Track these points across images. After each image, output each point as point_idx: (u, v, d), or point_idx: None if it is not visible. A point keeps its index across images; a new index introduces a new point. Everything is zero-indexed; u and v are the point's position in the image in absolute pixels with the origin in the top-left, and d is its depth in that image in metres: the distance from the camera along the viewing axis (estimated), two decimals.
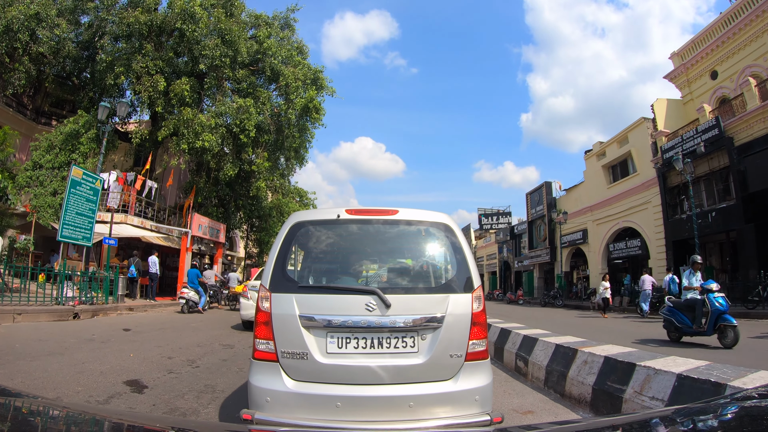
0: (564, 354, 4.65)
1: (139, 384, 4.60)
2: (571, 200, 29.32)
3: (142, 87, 17.77)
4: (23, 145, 19.76)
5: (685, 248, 18.89)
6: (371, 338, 2.52)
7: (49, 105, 23.40)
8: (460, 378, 2.53)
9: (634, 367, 3.53)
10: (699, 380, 2.91)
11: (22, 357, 5.66)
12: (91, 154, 17.72)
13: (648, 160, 21.72)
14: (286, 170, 25.10)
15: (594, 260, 26.32)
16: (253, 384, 2.53)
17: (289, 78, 20.01)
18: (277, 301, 2.59)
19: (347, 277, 2.86)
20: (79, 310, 10.63)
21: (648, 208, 21.81)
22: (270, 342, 2.54)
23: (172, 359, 6.10)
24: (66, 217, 11.78)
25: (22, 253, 15.99)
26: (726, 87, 19.80)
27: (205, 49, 18.24)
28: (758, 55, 18.23)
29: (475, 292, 2.66)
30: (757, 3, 17.93)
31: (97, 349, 6.64)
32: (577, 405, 4.05)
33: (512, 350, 5.94)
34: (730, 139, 17.04)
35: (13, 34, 17.07)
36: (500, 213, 45.20)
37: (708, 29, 20.60)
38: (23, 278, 11.30)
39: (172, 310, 14.84)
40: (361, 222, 2.85)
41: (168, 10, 18.61)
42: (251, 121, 18.60)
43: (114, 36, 19.00)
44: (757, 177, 15.90)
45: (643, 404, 3.22)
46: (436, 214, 2.92)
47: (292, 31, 22.80)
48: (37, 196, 16.75)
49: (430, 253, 3.03)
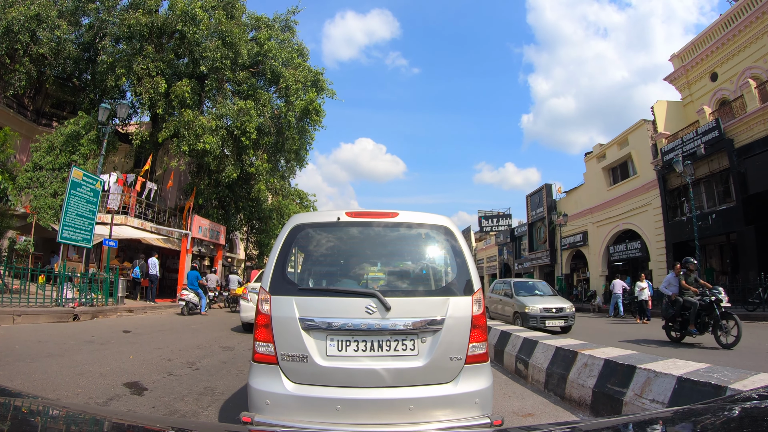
0: (564, 357, 4.64)
1: (138, 386, 4.60)
2: (571, 202, 29.32)
3: (142, 88, 17.80)
4: (24, 147, 19.78)
5: (685, 250, 18.86)
6: (371, 341, 2.52)
7: (49, 106, 23.43)
8: (460, 381, 2.53)
9: (634, 369, 3.52)
10: (699, 383, 2.90)
11: (21, 358, 5.66)
12: (92, 155, 17.74)
13: (648, 162, 21.74)
14: (286, 172, 25.15)
15: (594, 262, 26.31)
16: (252, 386, 2.53)
17: (290, 80, 20.06)
18: (277, 304, 2.59)
19: (347, 280, 2.86)
20: (78, 311, 10.61)
21: (648, 210, 21.81)
22: (270, 344, 2.53)
23: (172, 361, 6.10)
24: (66, 219, 11.78)
25: (22, 255, 16.00)
26: (726, 89, 19.83)
27: (205, 51, 18.29)
28: (758, 57, 18.26)
29: (475, 294, 2.66)
30: (757, 5, 17.97)
31: (96, 350, 6.64)
32: (577, 408, 4.04)
33: (512, 353, 5.94)
34: (730, 140, 17.05)
35: (13, 35, 17.12)
36: (500, 215, 45.20)
37: (708, 31, 20.64)
38: (23, 279, 11.30)
39: (171, 312, 14.83)
40: (362, 225, 2.85)
41: (169, 12, 18.67)
42: (252, 123, 18.64)
43: (115, 37, 19.04)
44: (758, 179, 15.89)
45: (643, 407, 3.21)
46: (436, 216, 2.92)
47: (293, 33, 22.89)
48: (37, 197, 16.77)
49: (430, 256, 3.03)
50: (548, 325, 11.02)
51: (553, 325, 11.13)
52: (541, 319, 10.96)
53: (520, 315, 11.42)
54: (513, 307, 11.97)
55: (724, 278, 18.87)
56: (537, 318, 10.97)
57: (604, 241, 25.30)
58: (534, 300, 11.69)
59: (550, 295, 12.46)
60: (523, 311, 11.28)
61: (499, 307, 13.04)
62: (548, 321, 11.06)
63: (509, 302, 12.30)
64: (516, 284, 12.88)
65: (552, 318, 11.10)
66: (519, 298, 11.95)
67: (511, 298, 12.18)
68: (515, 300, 11.97)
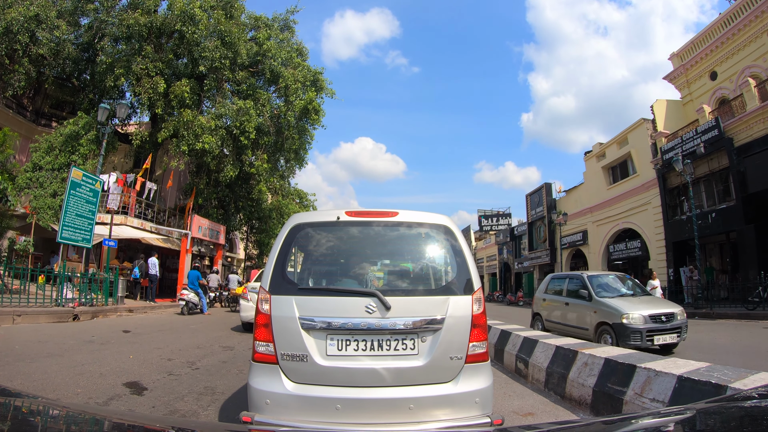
0: (564, 356, 4.65)
1: (138, 386, 4.60)
2: (571, 201, 29.32)
3: (141, 89, 17.79)
4: (23, 147, 19.77)
5: (685, 249, 18.90)
6: (371, 340, 2.52)
7: (48, 106, 23.40)
8: (460, 380, 2.53)
9: (634, 368, 3.52)
10: (700, 382, 2.91)
11: (21, 358, 5.66)
12: (91, 155, 17.73)
13: (648, 161, 21.73)
14: (285, 172, 25.15)
15: (594, 261, 26.31)
16: (252, 386, 2.53)
17: (289, 80, 20.05)
18: (277, 304, 2.59)
19: (347, 280, 2.86)
20: (78, 311, 10.61)
21: (648, 209, 21.82)
22: (270, 344, 2.53)
23: (172, 361, 6.10)
24: (66, 219, 11.78)
25: (22, 255, 15.99)
26: (725, 88, 19.83)
27: (204, 51, 18.27)
28: (758, 56, 18.25)
29: (475, 294, 2.66)
30: (756, 4, 17.96)
31: (96, 350, 6.64)
32: (577, 407, 4.05)
33: (512, 352, 5.94)
34: (730, 139, 17.05)
35: (13, 36, 17.11)
36: (500, 214, 45.22)
37: (707, 30, 20.63)
38: (23, 279, 11.30)
39: (171, 311, 14.83)
40: (361, 224, 2.85)
41: (168, 12, 18.65)
42: (251, 123, 18.63)
43: (114, 38, 19.02)
44: (757, 178, 15.89)
45: (643, 406, 3.22)
46: (436, 216, 2.92)
47: (292, 32, 22.86)
48: (36, 197, 16.75)
49: (430, 255, 3.02)
50: (658, 342, 7.28)
51: (664, 341, 7.35)
52: (649, 334, 7.18)
53: (611, 328, 7.47)
54: (594, 316, 7.99)
55: (724, 277, 18.88)
56: (642, 333, 7.14)
57: (603, 240, 25.31)
58: (631, 304, 7.75)
59: (644, 295, 8.84)
60: (619, 322, 7.32)
61: (561, 315, 9.09)
62: (657, 336, 7.27)
63: (584, 308, 8.34)
64: (593, 279, 8.71)
65: (663, 332, 7.34)
66: (605, 300, 7.99)
67: (589, 301, 8.24)
68: (598, 304, 7.98)
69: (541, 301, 9.98)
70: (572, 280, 9.25)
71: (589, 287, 8.40)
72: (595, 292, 8.27)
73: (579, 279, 8.96)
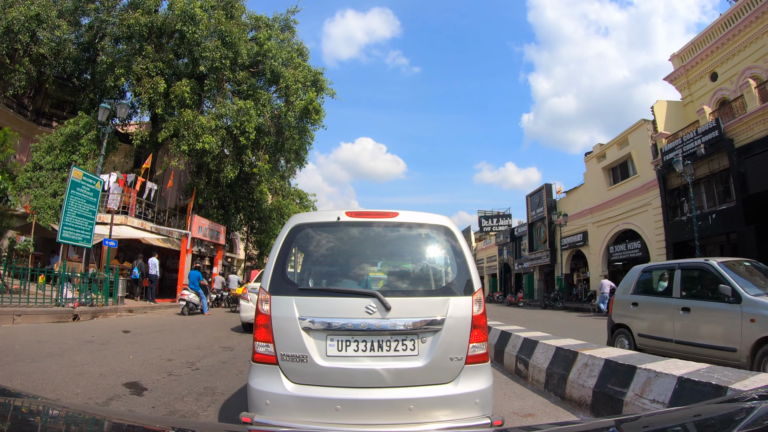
0: (564, 357, 4.64)
1: (138, 386, 4.60)
2: (571, 202, 29.33)
3: (142, 88, 17.81)
4: (23, 147, 19.78)
5: (685, 250, 18.87)
6: (371, 341, 2.51)
7: (49, 106, 23.43)
8: (460, 381, 2.52)
9: (634, 369, 3.52)
10: (700, 383, 2.90)
11: (21, 358, 5.66)
12: (92, 155, 17.75)
13: (648, 162, 21.74)
14: (286, 172, 25.17)
15: (594, 262, 26.30)
16: (252, 387, 2.53)
17: (289, 80, 20.07)
18: (277, 304, 2.59)
19: (347, 280, 2.85)
20: (78, 311, 10.61)
21: (648, 210, 21.81)
22: (270, 345, 2.53)
23: (172, 361, 6.10)
24: (66, 219, 11.78)
25: (22, 255, 16.00)
26: (726, 89, 19.82)
27: (205, 51, 18.29)
28: (758, 57, 18.25)
29: (475, 294, 2.66)
30: (756, 5, 17.97)
31: (96, 350, 6.64)
32: (577, 408, 4.04)
33: (512, 353, 5.93)
34: (730, 140, 17.05)
35: (13, 36, 17.13)
36: (500, 215, 45.28)
37: (708, 31, 20.63)
38: (23, 279, 11.30)
39: (171, 312, 14.84)
40: (362, 225, 2.85)
41: (168, 12, 18.68)
42: (251, 123, 18.64)
43: (114, 37, 19.05)
44: (758, 179, 15.89)
45: (644, 407, 3.21)
46: (436, 216, 2.92)
47: (293, 33, 22.89)
48: (37, 197, 16.77)
49: (431, 256, 3.02)
50: None
51: None
52: None
53: None
54: (748, 327, 5.02)
55: None
56: None
57: (604, 241, 25.30)
58: None
59: None
60: None
61: (673, 328, 6.01)
62: None
63: (723, 314, 5.39)
64: (735, 269, 5.74)
65: None
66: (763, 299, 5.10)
67: (733, 304, 5.26)
68: (755, 307, 5.05)
69: (629, 306, 6.81)
70: (691, 272, 6.22)
71: (731, 281, 5.38)
72: (744, 290, 5.25)
73: (705, 269, 5.90)
